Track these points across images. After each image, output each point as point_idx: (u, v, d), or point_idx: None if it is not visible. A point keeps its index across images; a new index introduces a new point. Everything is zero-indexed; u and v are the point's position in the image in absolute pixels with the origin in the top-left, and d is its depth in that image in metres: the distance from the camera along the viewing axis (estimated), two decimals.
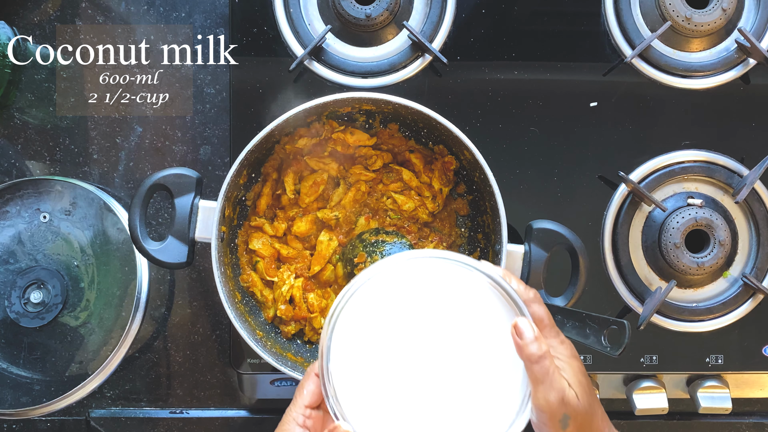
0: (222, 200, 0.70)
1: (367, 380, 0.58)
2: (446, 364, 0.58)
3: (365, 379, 0.58)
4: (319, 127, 0.77)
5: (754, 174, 0.80)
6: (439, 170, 0.78)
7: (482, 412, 0.57)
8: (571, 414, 0.53)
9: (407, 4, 0.83)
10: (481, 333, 0.58)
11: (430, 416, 0.58)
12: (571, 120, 0.83)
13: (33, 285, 0.82)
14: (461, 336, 0.58)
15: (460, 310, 0.58)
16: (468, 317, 0.58)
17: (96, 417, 0.85)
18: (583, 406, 0.53)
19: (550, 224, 0.70)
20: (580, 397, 0.53)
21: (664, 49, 0.83)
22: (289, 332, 0.77)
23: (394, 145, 0.79)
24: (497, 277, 0.58)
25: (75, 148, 0.87)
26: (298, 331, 0.77)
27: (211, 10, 0.87)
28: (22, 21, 0.86)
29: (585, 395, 0.54)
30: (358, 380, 0.58)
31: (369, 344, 0.58)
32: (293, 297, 0.76)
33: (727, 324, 0.81)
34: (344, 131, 0.78)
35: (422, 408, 0.58)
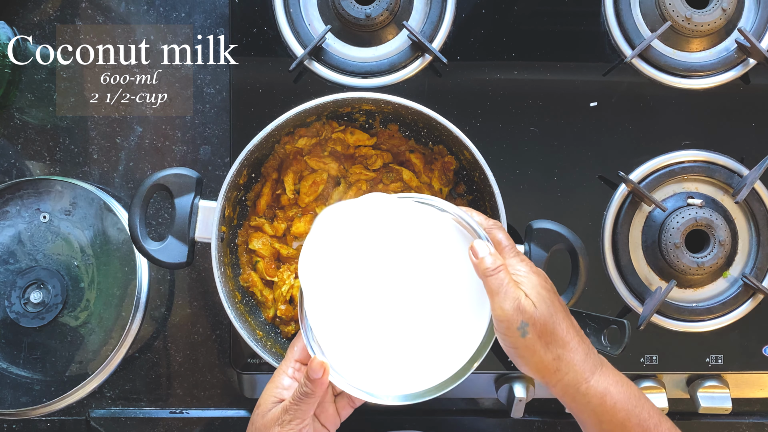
0: (222, 200, 0.70)
1: (340, 315, 0.63)
2: (415, 294, 0.63)
3: (337, 315, 0.63)
4: (319, 127, 0.77)
5: (754, 174, 0.80)
6: (439, 170, 0.78)
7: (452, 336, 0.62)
8: (529, 321, 0.55)
9: (407, 4, 0.83)
10: (445, 263, 0.63)
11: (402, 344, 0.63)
12: (571, 120, 0.83)
13: (33, 285, 0.82)
14: (428, 268, 0.63)
15: (426, 244, 0.63)
16: (433, 250, 0.63)
17: (96, 417, 0.85)
18: (541, 314, 0.56)
19: (550, 224, 0.70)
20: (537, 305, 0.56)
21: (664, 49, 0.83)
22: (289, 332, 0.77)
23: (394, 145, 0.79)
24: (458, 211, 0.63)
25: (75, 148, 0.87)
26: (297, 331, 0.77)
27: (211, 10, 0.87)
28: (22, 21, 0.86)
29: (544, 304, 0.56)
30: (331, 316, 0.63)
31: (339, 282, 0.63)
32: (293, 297, 0.76)
33: (727, 324, 0.81)
34: (344, 131, 0.78)
35: (394, 337, 0.63)
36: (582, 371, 0.57)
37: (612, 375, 0.59)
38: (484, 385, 0.82)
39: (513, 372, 0.81)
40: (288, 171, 0.78)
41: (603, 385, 0.57)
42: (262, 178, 0.78)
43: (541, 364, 0.56)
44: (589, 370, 0.57)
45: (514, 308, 0.56)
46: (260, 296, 0.77)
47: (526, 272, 0.59)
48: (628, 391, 0.58)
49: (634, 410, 0.57)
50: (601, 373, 0.58)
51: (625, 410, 0.57)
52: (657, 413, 0.59)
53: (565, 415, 0.85)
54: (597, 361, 0.58)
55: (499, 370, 0.81)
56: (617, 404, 0.57)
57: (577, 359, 0.57)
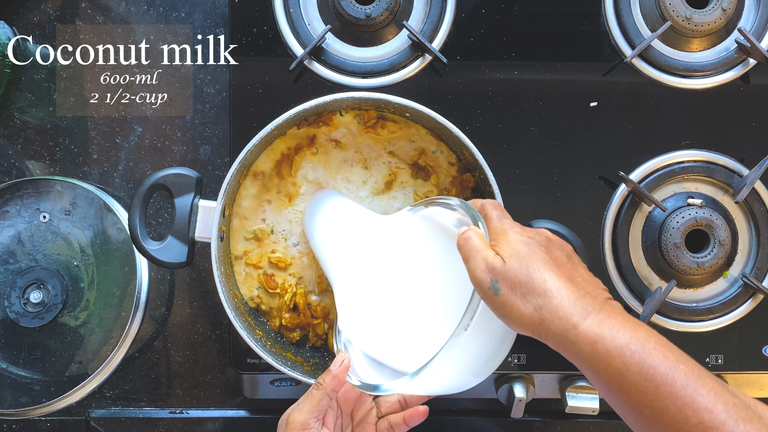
0: (222, 200, 0.70)
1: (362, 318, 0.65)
2: (428, 297, 0.64)
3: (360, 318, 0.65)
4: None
5: (754, 174, 0.80)
6: (458, 188, 0.78)
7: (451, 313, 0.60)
8: (499, 277, 0.52)
9: (407, 4, 0.83)
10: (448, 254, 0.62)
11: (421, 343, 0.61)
12: (571, 120, 0.83)
13: (33, 285, 0.82)
14: (437, 268, 0.63)
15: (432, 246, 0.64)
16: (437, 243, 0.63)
17: (96, 417, 0.85)
18: (511, 268, 0.52)
19: (550, 224, 0.70)
20: (507, 260, 0.53)
21: (664, 49, 0.83)
22: (294, 338, 0.77)
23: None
24: (454, 202, 0.62)
25: (75, 148, 0.87)
26: (302, 338, 0.77)
27: (211, 10, 0.87)
28: (22, 21, 0.86)
29: (515, 257, 0.53)
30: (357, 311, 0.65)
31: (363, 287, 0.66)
32: (297, 304, 0.76)
33: (727, 324, 0.81)
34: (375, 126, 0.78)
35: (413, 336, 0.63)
36: (568, 317, 0.50)
37: (612, 318, 0.51)
38: (484, 385, 0.82)
39: (513, 372, 0.81)
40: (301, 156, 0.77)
41: (595, 330, 0.50)
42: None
43: (522, 318, 0.52)
44: (578, 314, 0.50)
45: (482, 269, 0.53)
46: (265, 308, 0.77)
47: (504, 234, 0.55)
48: (631, 336, 0.49)
49: (635, 357, 0.48)
50: (595, 318, 0.50)
51: (622, 357, 0.48)
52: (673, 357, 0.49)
53: (565, 415, 0.85)
54: (592, 304, 0.51)
55: (499, 370, 0.80)
56: (612, 351, 0.49)
57: (563, 304, 0.51)
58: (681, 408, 0.46)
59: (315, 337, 0.77)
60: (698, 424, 0.45)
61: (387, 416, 0.67)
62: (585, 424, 0.88)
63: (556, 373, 0.81)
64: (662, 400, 0.46)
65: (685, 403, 0.46)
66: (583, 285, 0.53)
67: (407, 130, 0.78)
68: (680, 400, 0.46)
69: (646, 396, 0.47)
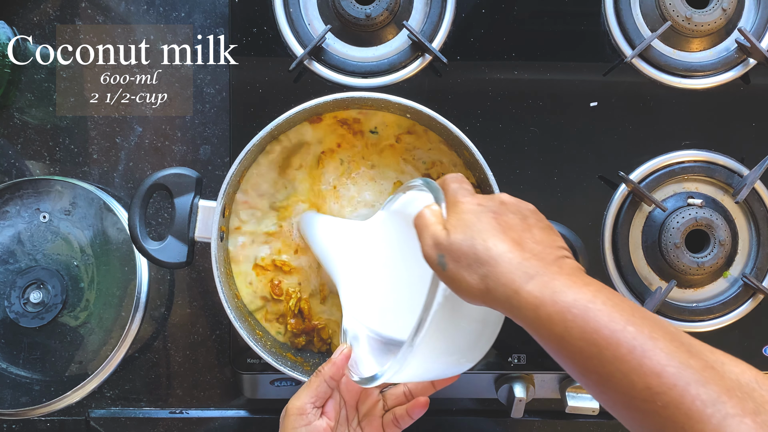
0: (222, 200, 0.70)
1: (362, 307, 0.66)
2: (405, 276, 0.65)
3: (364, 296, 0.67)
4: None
5: (754, 174, 0.80)
6: None
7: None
8: (444, 251, 0.50)
9: (407, 4, 0.83)
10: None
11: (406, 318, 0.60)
12: (571, 120, 0.83)
13: (33, 285, 0.82)
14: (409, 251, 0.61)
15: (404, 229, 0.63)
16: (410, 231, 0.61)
17: (96, 417, 0.85)
18: (454, 239, 0.50)
19: None
20: (451, 233, 0.50)
21: (664, 49, 0.83)
22: (299, 343, 0.77)
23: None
24: (417, 182, 0.60)
25: (75, 148, 0.87)
26: (307, 342, 0.77)
27: (211, 10, 0.87)
28: (22, 21, 0.86)
29: (459, 228, 0.50)
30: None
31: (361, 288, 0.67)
32: (302, 310, 0.76)
33: (727, 324, 0.81)
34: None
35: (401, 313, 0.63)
36: (510, 282, 0.47)
37: (557, 279, 0.46)
38: (484, 385, 0.82)
39: (513, 372, 0.80)
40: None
41: (537, 294, 0.46)
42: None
43: (471, 290, 0.49)
44: (520, 278, 0.47)
45: (430, 245, 0.51)
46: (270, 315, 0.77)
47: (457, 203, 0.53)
48: (575, 297, 0.45)
49: (577, 320, 0.44)
50: (539, 281, 0.46)
51: (564, 322, 0.44)
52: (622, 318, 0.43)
53: (565, 415, 0.85)
54: (538, 266, 0.47)
55: (499, 370, 0.81)
56: (553, 316, 0.45)
57: (505, 270, 0.47)
58: (627, 373, 0.42)
59: (320, 342, 0.77)
60: (645, 390, 0.41)
61: (392, 409, 0.67)
62: (585, 424, 0.88)
63: (556, 373, 0.81)
64: (607, 366, 0.43)
65: (631, 368, 0.42)
66: (531, 247, 0.49)
67: (424, 140, 0.78)
68: (626, 365, 0.42)
69: (591, 361, 0.43)
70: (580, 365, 0.44)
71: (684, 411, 0.39)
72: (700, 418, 0.39)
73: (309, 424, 0.61)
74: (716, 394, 0.39)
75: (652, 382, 0.41)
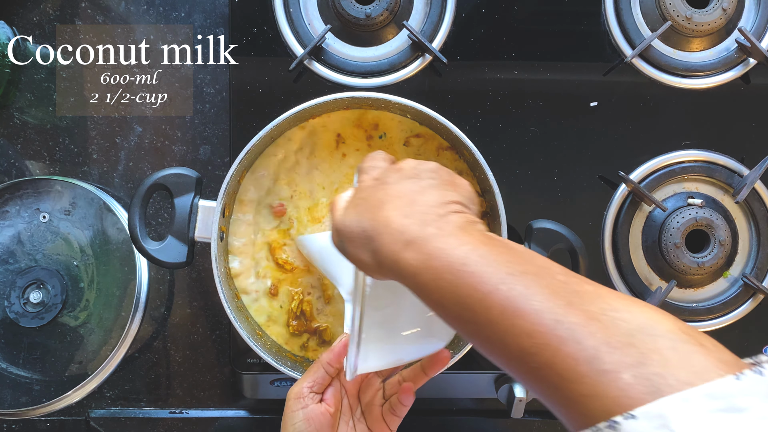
0: (222, 200, 0.70)
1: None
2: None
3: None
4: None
5: (755, 174, 0.80)
6: None
7: None
8: (340, 236, 0.49)
9: (407, 4, 0.83)
10: None
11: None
12: (571, 120, 0.83)
13: (32, 285, 0.82)
14: None
15: None
16: None
17: (96, 417, 0.85)
18: (345, 222, 0.49)
19: (550, 224, 0.70)
20: (344, 216, 0.49)
21: (664, 49, 0.83)
22: (302, 346, 0.77)
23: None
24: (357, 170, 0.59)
25: (75, 147, 0.87)
26: (308, 342, 0.77)
27: (210, 9, 0.87)
28: (22, 21, 0.86)
29: (351, 210, 0.49)
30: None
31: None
32: (304, 311, 0.76)
33: (727, 324, 0.81)
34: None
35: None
36: (391, 253, 0.45)
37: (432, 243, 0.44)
38: (484, 385, 0.82)
39: None
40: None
41: (412, 261, 0.44)
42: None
43: (369, 267, 0.48)
44: (399, 247, 0.45)
45: (333, 233, 0.50)
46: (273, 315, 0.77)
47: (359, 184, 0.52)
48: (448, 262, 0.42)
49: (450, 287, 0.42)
50: (414, 247, 0.44)
51: (439, 290, 0.42)
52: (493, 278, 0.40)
53: None
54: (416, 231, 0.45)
55: (499, 370, 0.81)
56: (429, 284, 0.43)
57: (387, 241, 0.45)
58: (501, 336, 0.39)
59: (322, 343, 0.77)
60: (519, 352, 0.39)
61: (390, 398, 0.67)
62: None
63: None
64: (483, 330, 0.41)
65: (505, 330, 0.39)
66: (418, 211, 0.46)
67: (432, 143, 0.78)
68: (499, 328, 0.39)
69: (468, 326, 0.42)
70: (462, 330, 0.43)
71: (557, 371, 0.37)
72: (573, 377, 0.36)
73: (306, 407, 0.62)
74: (593, 350, 0.36)
75: (524, 344, 0.38)
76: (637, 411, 0.33)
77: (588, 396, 0.35)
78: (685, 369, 0.34)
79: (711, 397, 0.32)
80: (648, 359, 0.34)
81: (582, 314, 0.37)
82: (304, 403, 0.62)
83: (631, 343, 0.35)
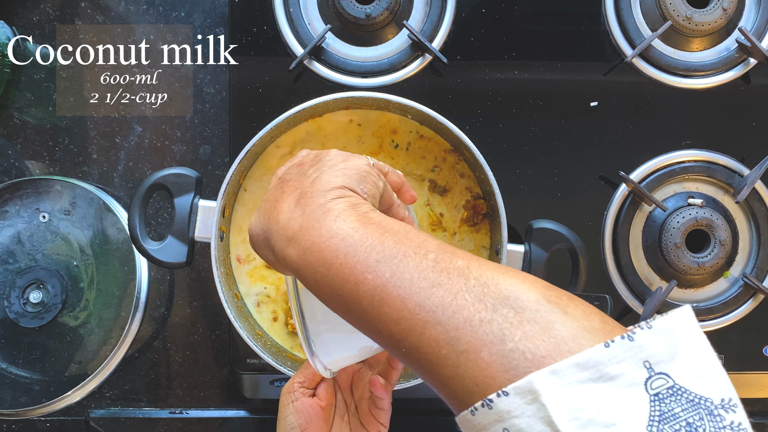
0: (221, 200, 0.70)
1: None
2: None
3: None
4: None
5: (755, 174, 0.80)
6: (470, 211, 0.77)
7: None
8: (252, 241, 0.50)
9: (407, 4, 0.83)
10: None
11: None
12: (571, 120, 0.83)
13: (32, 285, 0.82)
14: None
15: None
16: None
17: (95, 417, 0.85)
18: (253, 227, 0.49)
19: (550, 224, 0.70)
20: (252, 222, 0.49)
21: (664, 49, 0.83)
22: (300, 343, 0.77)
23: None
24: None
25: (74, 147, 0.87)
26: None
27: (210, 9, 0.87)
28: (22, 21, 0.86)
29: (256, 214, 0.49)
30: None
31: None
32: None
33: (728, 324, 0.81)
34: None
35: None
36: (279, 249, 0.45)
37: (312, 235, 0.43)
38: None
39: None
40: None
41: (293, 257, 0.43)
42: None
43: (277, 266, 0.48)
44: (284, 242, 0.44)
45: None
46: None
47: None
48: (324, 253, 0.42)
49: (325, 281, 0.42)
50: (295, 243, 0.43)
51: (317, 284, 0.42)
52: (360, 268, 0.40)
53: None
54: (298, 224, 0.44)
55: None
56: (308, 277, 0.43)
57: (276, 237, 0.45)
58: (373, 324, 0.40)
59: None
60: (390, 338, 0.39)
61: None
62: None
63: None
64: (359, 320, 0.41)
65: (374, 319, 0.39)
66: (300, 204, 0.45)
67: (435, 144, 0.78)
68: (369, 316, 0.40)
69: (348, 316, 0.42)
70: (346, 320, 0.43)
71: (423, 355, 0.37)
72: (437, 360, 0.36)
73: (296, 400, 0.62)
74: (454, 331, 0.36)
75: (393, 330, 0.39)
76: (509, 387, 0.33)
77: (452, 378, 0.36)
78: (545, 341, 0.34)
79: (580, 367, 0.32)
80: (508, 334, 0.34)
81: (446, 294, 0.37)
82: (294, 397, 0.63)
83: (492, 320, 0.35)
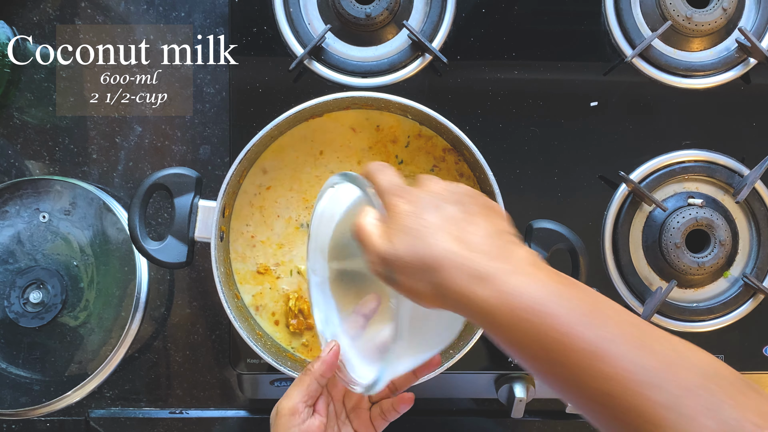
0: (221, 200, 0.70)
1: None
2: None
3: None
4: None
5: (755, 174, 0.80)
6: None
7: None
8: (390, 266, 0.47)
9: (407, 4, 0.83)
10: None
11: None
12: (571, 120, 0.83)
13: (32, 285, 0.82)
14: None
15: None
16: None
17: (95, 417, 0.85)
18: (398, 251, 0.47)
19: (550, 224, 0.70)
20: (395, 244, 0.47)
21: (664, 49, 0.83)
22: (302, 344, 0.77)
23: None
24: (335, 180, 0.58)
25: (74, 147, 0.87)
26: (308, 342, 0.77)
27: (210, 9, 0.87)
28: (22, 21, 0.86)
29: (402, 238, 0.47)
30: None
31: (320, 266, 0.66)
32: (302, 310, 0.76)
33: (728, 324, 0.81)
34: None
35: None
36: (459, 288, 0.44)
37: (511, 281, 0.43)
38: (484, 385, 0.82)
39: (513, 372, 0.80)
40: None
41: (487, 298, 0.43)
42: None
43: (427, 297, 0.47)
44: (469, 282, 0.44)
45: (377, 263, 0.48)
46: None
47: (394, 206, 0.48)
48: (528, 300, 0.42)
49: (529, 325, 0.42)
50: (488, 286, 0.43)
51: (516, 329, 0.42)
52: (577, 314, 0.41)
53: (565, 415, 0.85)
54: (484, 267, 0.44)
55: (499, 370, 0.80)
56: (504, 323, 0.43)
57: (452, 276, 0.44)
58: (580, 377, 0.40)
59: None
60: (599, 394, 0.40)
61: (379, 403, 0.67)
62: (585, 424, 0.87)
63: None
64: (561, 370, 0.41)
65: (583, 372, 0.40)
66: (475, 241, 0.46)
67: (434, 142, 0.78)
68: (578, 369, 0.40)
69: (545, 365, 0.43)
70: (536, 369, 0.44)
71: (638, 414, 0.38)
72: (655, 421, 0.38)
73: (303, 422, 0.60)
74: (672, 396, 0.38)
75: (605, 387, 0.40)
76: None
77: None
78: (756, 414, 0.37)
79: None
80: (723, 404, 0.37)
81: (658, 360, 0.40)
82: (300, 419, 0.60)
83: (706, 387, 0.38)
